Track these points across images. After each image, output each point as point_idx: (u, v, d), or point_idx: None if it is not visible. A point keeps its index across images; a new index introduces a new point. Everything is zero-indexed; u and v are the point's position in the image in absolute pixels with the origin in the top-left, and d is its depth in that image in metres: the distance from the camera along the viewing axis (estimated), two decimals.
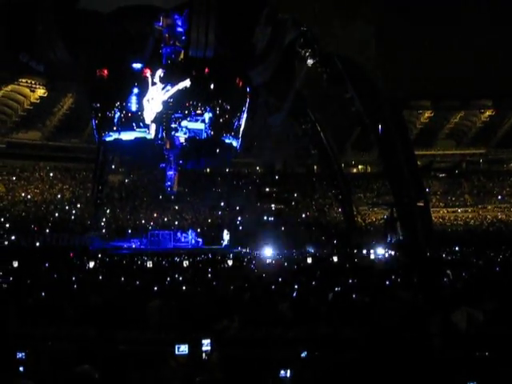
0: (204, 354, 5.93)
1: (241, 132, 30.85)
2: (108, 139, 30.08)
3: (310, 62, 31.78)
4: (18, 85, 55.79)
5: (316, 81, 34.89)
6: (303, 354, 6.42)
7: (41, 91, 57.16)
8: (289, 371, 5.47)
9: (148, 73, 27.69)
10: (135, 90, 28.38)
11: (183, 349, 5.83)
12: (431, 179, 68.05)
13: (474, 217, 63.18)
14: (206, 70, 27.98)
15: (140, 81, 28.18)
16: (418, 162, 40.54)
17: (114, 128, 33.05)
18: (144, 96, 28.20)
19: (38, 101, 58.40)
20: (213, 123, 28.72)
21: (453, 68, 57.02)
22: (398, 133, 31.87)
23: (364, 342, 7.53)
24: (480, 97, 65.01)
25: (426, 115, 67.84)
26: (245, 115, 30.51)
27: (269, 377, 5.67)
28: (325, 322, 9.73)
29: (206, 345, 5.97)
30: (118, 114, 29.15)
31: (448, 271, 16.79)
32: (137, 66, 27.94)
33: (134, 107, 28.58)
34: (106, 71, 29.29)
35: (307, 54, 31.40)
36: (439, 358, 7.17)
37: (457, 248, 40.55)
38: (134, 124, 29.67)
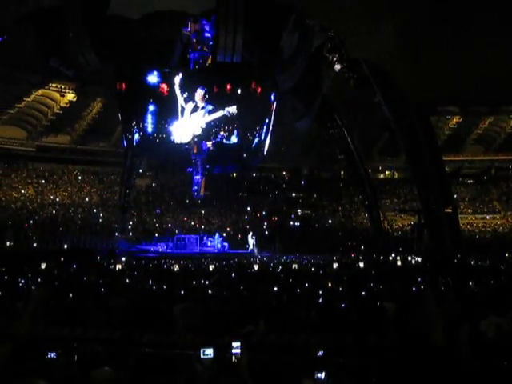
0: (234, 357, 5.90)
1: (266, 145, 30.58)
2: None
3: (337, 67, 31.73)
4: (49, 89, 56.46)
5: (343, 86, 34.82)
6: (319, 353, 6.38)
7: (70, 96, 57.78)
8: (324, 373, 5.44)
9: (179, 91, 27.15)
10: (151, 108, 27.69)
11: (208, 352, 5.83)
12: (459, 185, 67.45)
13: (502, 223, 62.32)
14: (228, 86, 27.60)
15: (156, 97, 27.58)
16: (446, 168, 40.14)
17: (135, 150, 33.17)
18: (161, 114, 27.68)
19: (68, 105, 59.02)
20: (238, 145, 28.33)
21: (481, 73, 56.42)
22: (426, 138, 31.69)
23: (390, 350, 7.49)
24: (509, 102, 64.20)
25: (455, 121, 67.26)
26: (270, 126, 30.15)
27: (294, 382, 5.67)
28: (351, 328, 9.69)
29: (236, 347, 5.94)
30: (137, 135, 28.89)
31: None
32: (152, 80, 27.27)
33: (149, 128, 27.94)
34: (124, 85, 29.10)
35: (334, 59, 31.35)
36: (467, 366, 7.10)
37: (485, 255, 40.05)
38: (150, 148, 29.64)
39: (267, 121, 29.53)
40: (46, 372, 5.45)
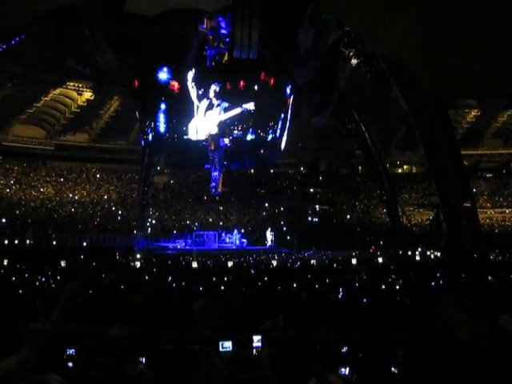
0: (254, 351, 5.88)
1: (284, 141, 30.46)
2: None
3: (354, 61, 31.63)
4: (66, 88, 56.76)
5: (360, 80, 34.69)
6: (344, 350, 6.38)
7: (88, 94, 58.07)
8: (348, 369, 5.42)
9: (193, 88, 26.87)
10: (162, 106, 27.48)
11: (227, 345, 5.82)
12: (478, 179, 66.94)
13: None
14: (242, 83, 27.39)
15: (167, 95, 27.41)
16: (465, 162, 39.92)
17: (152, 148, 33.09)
18: (172, 113, 27.43)
19: (85, 104, 59.37)
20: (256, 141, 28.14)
21: (499, 65, 55.90)
22: (444, 132, 31.48)
23: (409, 345, 7.46)
24: None
25: (473, 114, 66.67)
26: (287, 122, 30.00)
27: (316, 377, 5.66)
28: (371, 323, 9.67)
29: (257, 341, 5.92)
30: (151, 135, 28.82)
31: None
32: (163, 77, 27.02)
33: (161, 128, 27.72)
34: (136, 82, 29.10)
35: (351, 53, 31.25)
36: (486, 361, 7.05)
37: (505, 249, 39.77)
38: (166, 147, 29.61)
39: (283, 116, 29.43)
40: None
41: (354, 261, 28.62)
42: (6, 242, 38.42)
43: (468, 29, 57.23)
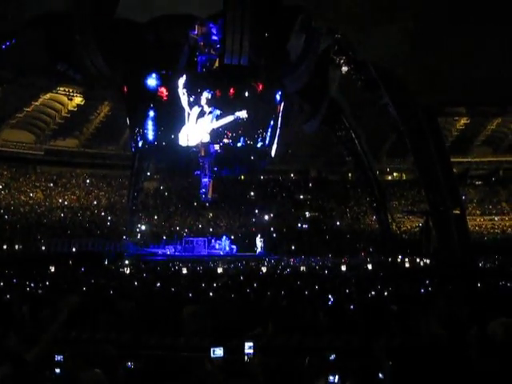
0: (246, 357, 5.86)
1: (274, 147, 30.45)
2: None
3: (344, 69, 31.72)
4: (57, 93, 56.56)
5: (350, 87, 34.79)
6: (332, 357, 6.36)
7: (78, 99, 57.88)
8: (337, 376, 5.40)
9: (184, 95, 26.68)
10: (151, 113, 27.34)
11: (218, 352, 5.80)
12: (467, 187, 67.14)
13: (511, 225, 62.07)
14: (232, 90, 27.30)
15: (155, 102, 27.36)
16: (454, 170, 40.03)
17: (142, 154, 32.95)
18: (160, 120, 27.26)
19: (76, 109, 59.16)
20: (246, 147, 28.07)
21: (489, 74, 56.26)
22: (434, 140, 31.58)
23: (398, 353, 7.48)
24: None
25: (462, 122, 66.90)
26: (277, 129, 29.98)
27: None
28: (359, 330, 9.68)
29: (249, 348, 5.91)
30: (140, 142, 28.69)
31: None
32: (151, 83, 26.84)
33: (150, 135, 27.51)
34: (126, 88, 28.98)
35: (342, 61, 31.34)
36: (476, 369, 7.07)
37: (494, 256, 39.92)
38: (156, 153, 29.48)
39: (273, 123, 29.42)
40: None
41: (343, 267, 28.62)
42: None
43: (458, 37, 57.61)
